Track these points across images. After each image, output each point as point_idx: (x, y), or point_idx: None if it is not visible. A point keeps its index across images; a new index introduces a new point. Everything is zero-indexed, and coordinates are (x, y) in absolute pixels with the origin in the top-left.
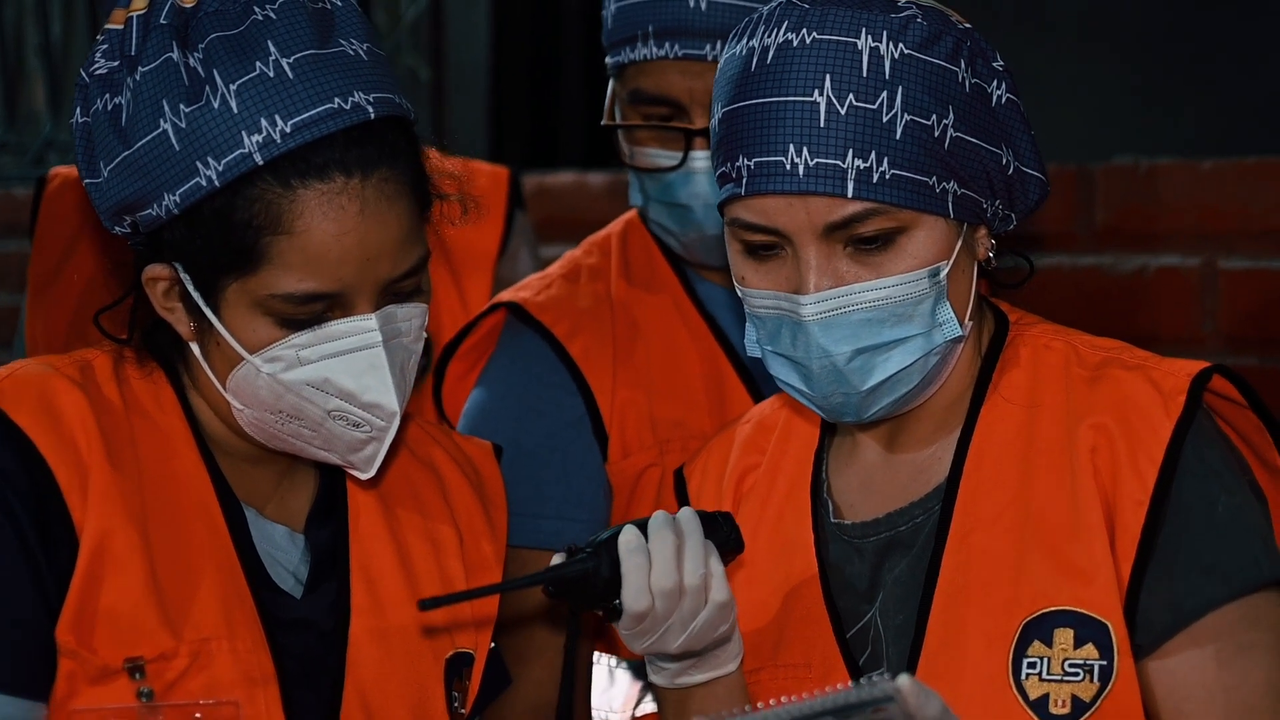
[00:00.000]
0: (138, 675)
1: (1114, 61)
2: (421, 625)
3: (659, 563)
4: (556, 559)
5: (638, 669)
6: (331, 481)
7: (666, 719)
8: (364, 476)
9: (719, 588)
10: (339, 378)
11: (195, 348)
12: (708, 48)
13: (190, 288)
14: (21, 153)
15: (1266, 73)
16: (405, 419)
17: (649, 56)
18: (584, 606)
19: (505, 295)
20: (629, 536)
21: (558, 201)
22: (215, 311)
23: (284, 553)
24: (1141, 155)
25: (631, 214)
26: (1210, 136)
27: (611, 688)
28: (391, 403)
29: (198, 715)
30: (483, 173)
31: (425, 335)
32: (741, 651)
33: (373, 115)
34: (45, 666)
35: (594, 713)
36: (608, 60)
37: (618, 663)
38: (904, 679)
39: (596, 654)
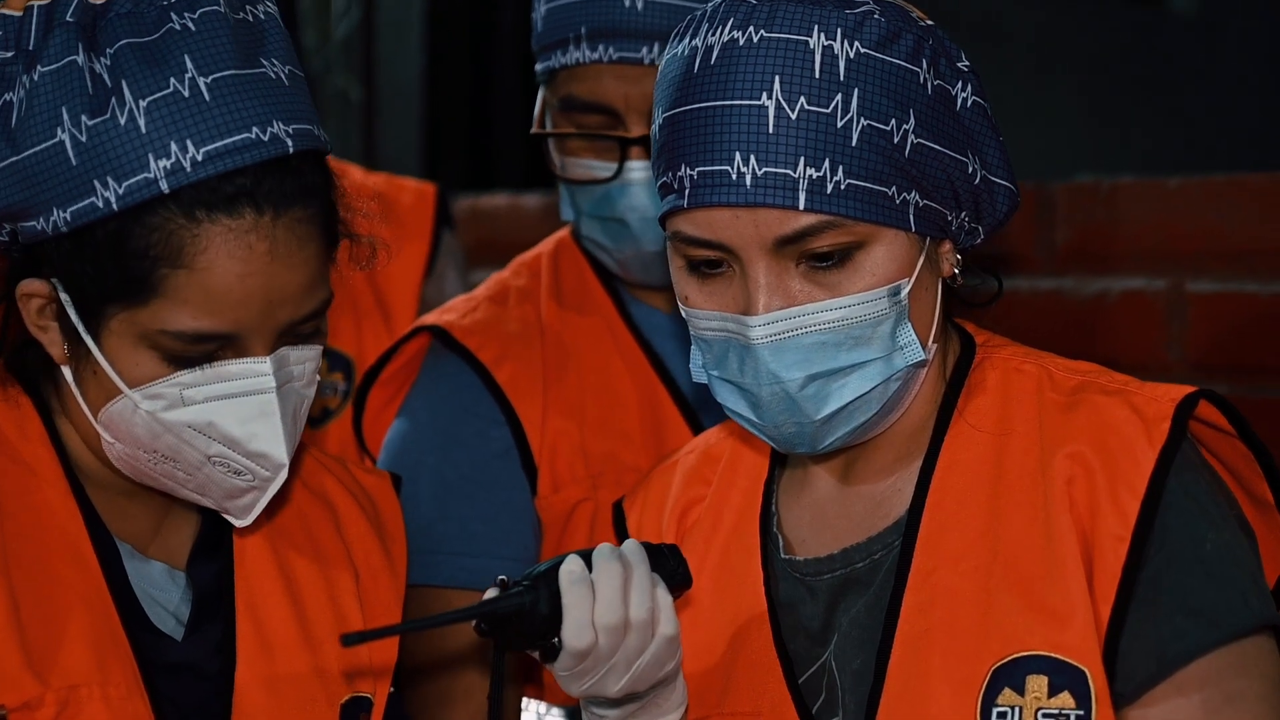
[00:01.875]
0: None
1: (1072, 80)
2: (315, 669)
3: (604, 596)
4: (490, 594)
5: (572, 715)
6: (215, 516)
7: None
8: (239, 524)
9: (667, 621)
10: (225, 423)
11: (68, 372)
12: (644, 50)
13: (70, 310)
14: None
15: (1224, 90)
16: (299, 447)
17: (581, 60)
18: (518, 645)
19: (429, 318)
20: (572, 567)
21: (492, 224)
22: (95, 339)
23: (163, 592)
24: (1103, 174)
25: (563, 233)
26: (1169, 153)
27: None
28: (280, 454)
29: None
30: (408, 189)
31: (317, 380)
32: (685, 701)
33: (291, 149)
34: None
35: None
36: (538, 66)
37: (548, 709)
38: None
39: (525, 700)
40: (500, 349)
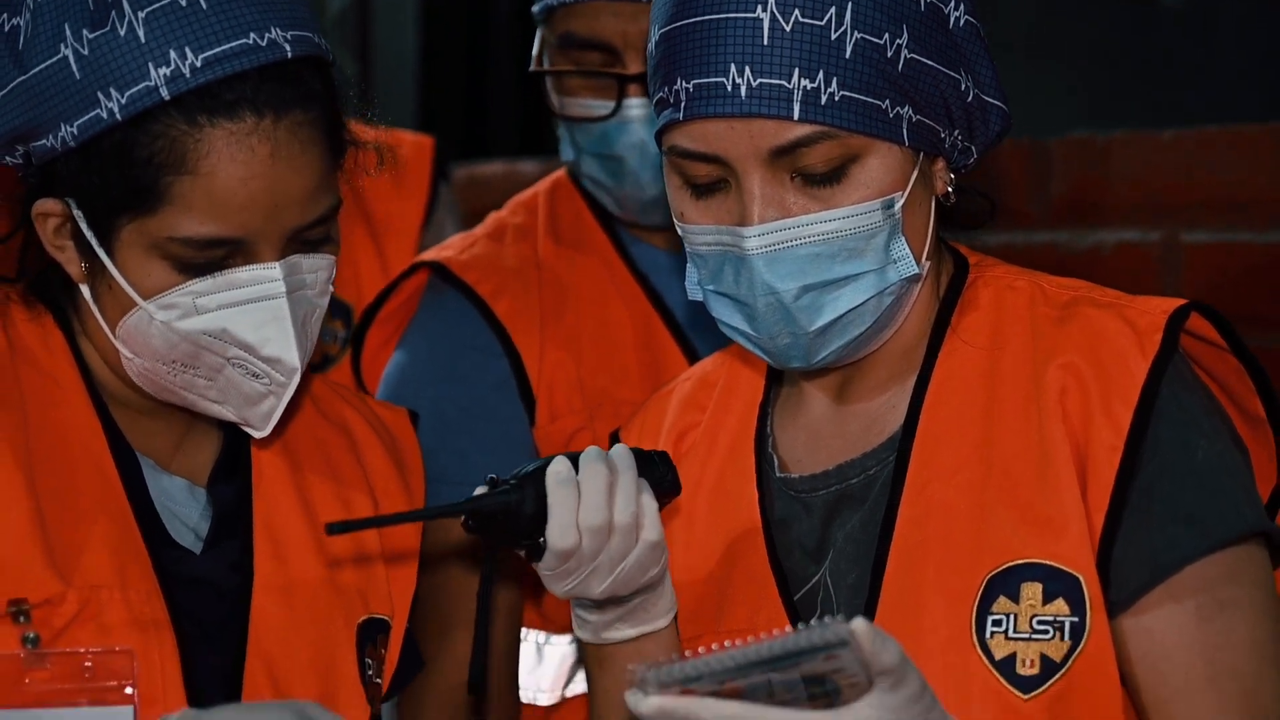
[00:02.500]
0: (22, 619)
1: (1068, 34)
2: (332, 588)
3: (589, 497)
4: (479, 491)
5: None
6: (235, 438)
7: (593, 683)
8: (258, 434)
9: (651, 526)
10: (238, 329)
11: (86, 290)
12: None
13: (83, 226)
14: None
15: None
16: (310, 376)
17: None
18: (504, 542)
19: (427, 255)
20: (559, 467)
21: (488, 192)
22: (109, 253)
23: (183, 507)
24: (1098, 128)
25: (559, 174)
26: (1164, 107)
27: (540, 666)
28: (292, 358)
29: (88, 664)
30: (406, 141)
31: (330, 289)
32: (674, 608)
33: (290, 54)
34: None
35: (522, 692)
36: (535, 6)
37: (547, 638)
38: (859, 622)
39: (525, 630)
40: (498, 283)
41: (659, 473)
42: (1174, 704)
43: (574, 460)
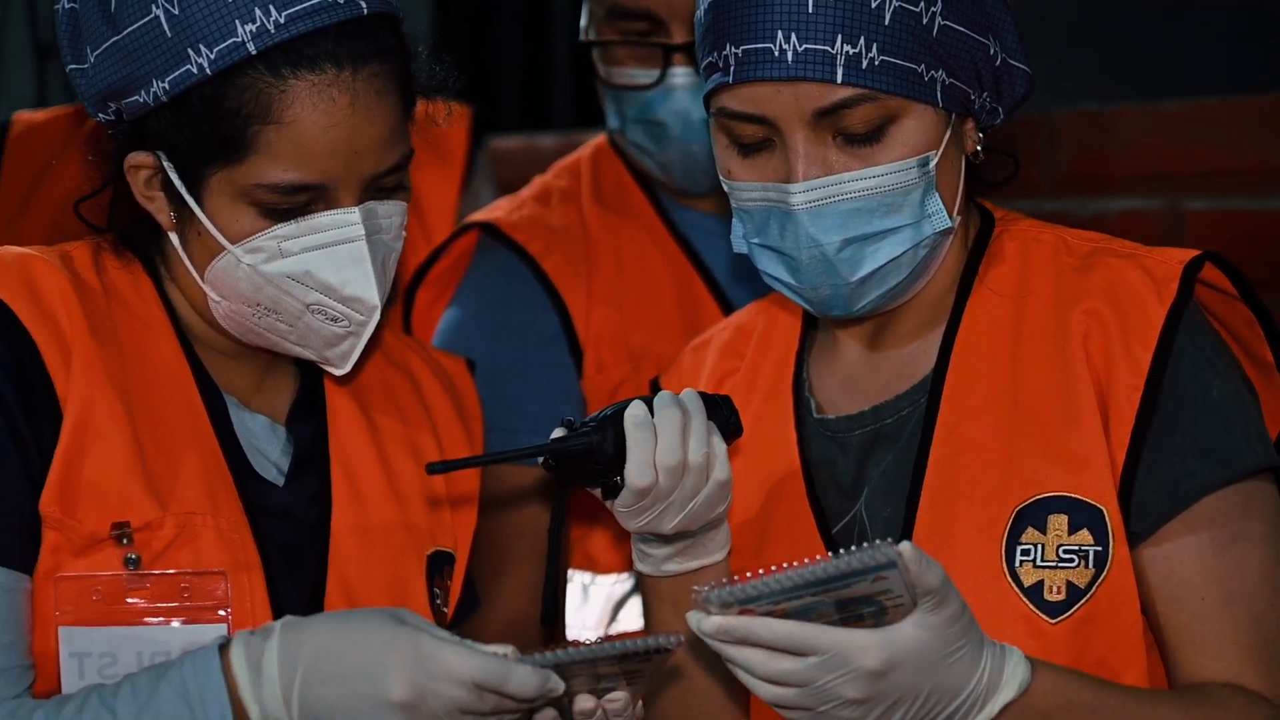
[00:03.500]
0: (125, 541)
1: (1072, 8)
2: (403, 521)
3: (665, 438)
4: (557, 433)
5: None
6: (311, 379)
7: (651, 613)
8: (338, 372)
9: (721, 466)
10: (320, 270)
11: (175, 238)
12: None
13: (173, 176)
14: None
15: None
16: (381, 325)
17: None
18: (582, 482)
19: (477, 216)
20: (636, 411)
21: (503, 166)
22: (198, 201)
23: (265, 443)
24: (1103, 100)
25: (600, 139)
26: (1166, 80)
27: (585, 605)
28: (372, 296)
29: (185, 585)
30: (441, 109)
31: (404, 234)
32: (729, 543)
33: (365, 11)
34: (29, 539)
35: (568, 630)
36: None
37: (593, 579)
38: (906, 545)
39: (570, 571)
40: (546, 242)
41: (724, 415)
42: (1191, 629)
43: (647, 404)
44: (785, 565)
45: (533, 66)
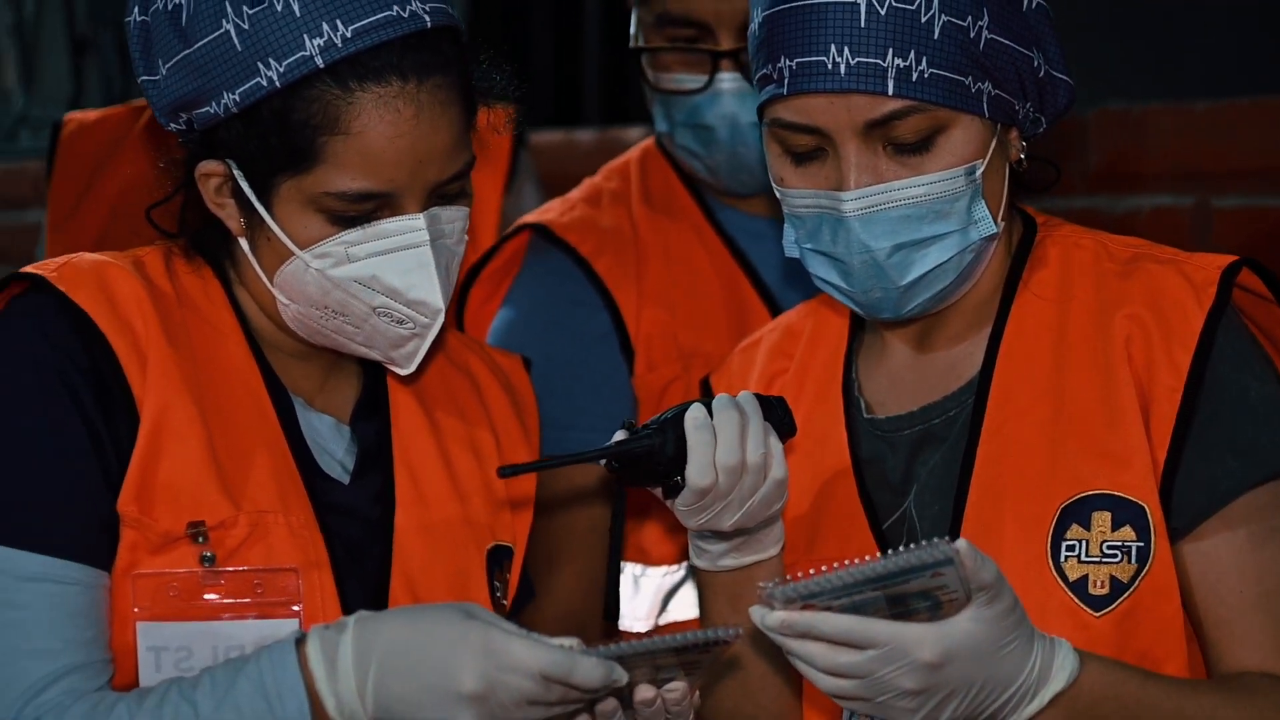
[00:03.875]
0: (200, 539)
1: (1104, 8)
2: (464, 517)
3: (724, 440)
4: (619, 435)
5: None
6: (374, 379)
7: (707, 606)
8: (403, 372)
9: (778, 465)
10: (386, 275)
11: (244, 244)
12: None
13: (244, 184)
14: None
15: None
16: (444, 326)
17: None
18: (644, 482)
19: (529, 218)
20: (696, 414)
21: (539, 160)
22: (268, 208)
23: (330, 442)
24: (1134, 100)
25: (648, 143)
26: (1196, 79)
27: (636, 596)
28: (436, 299)
29: (258, 581)
30: (501, 115)
31: (466, 239)
32: (783, 538)
33: (429, 24)
34: (108, 538)
35: (620, 620)
36: None
37: (642, 571)
38: (962, 543)
39: (623, 564)
40: (597, 243)
41: (779, 416)
42: (1229, 622)
43: (706, 407)
44: (846, 563)
45: (565, 62)
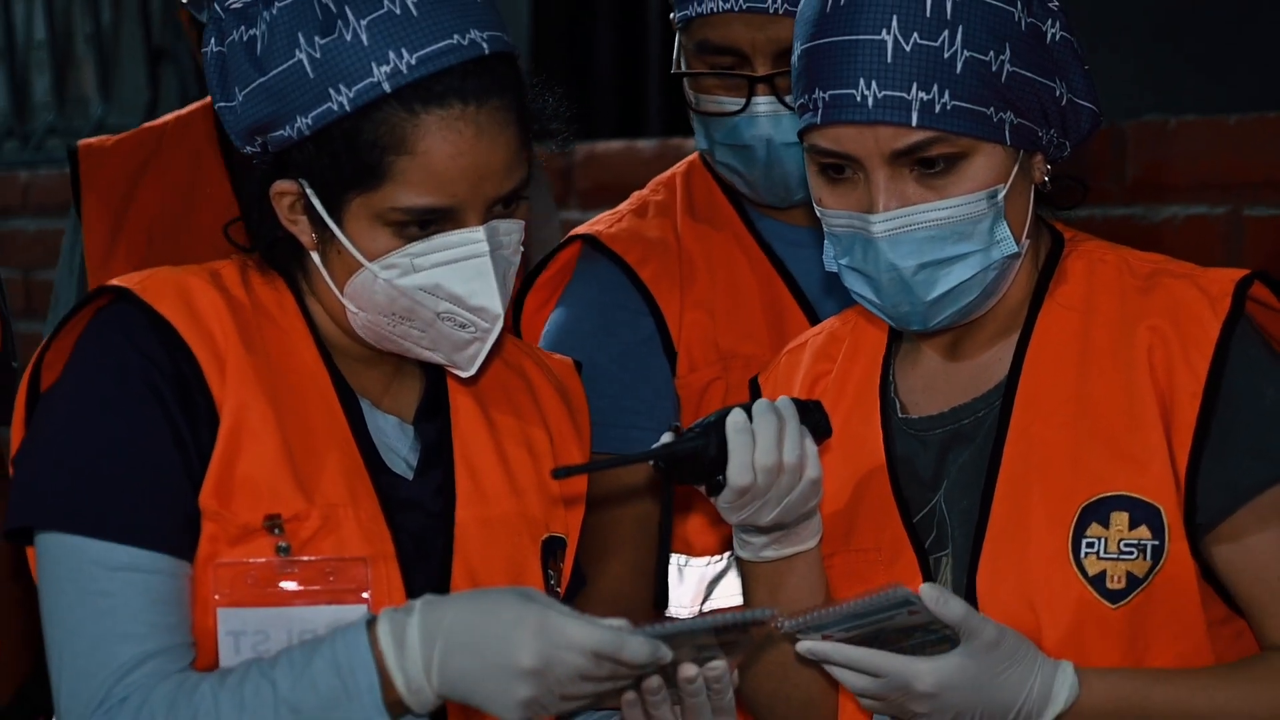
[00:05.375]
0: (276, 531)
1: (1143, 22)
2: (520, 511)
3: (762, 442)
4: (666, 438)
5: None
6: (435, 382)
7: (750, 593)
8: (465, 374)
9: (812, 465)
10: (449, 283)
11: (316, 257)
12: (770, 0)
13: (315, 202)
14: (72, 136)
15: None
16: (502, 331)
17: (715, 10)
18: (690, 481)
19: (581, 229)
20: (737, 418)
21: (603, 170)
22: (338, 223)
23: (395, 441)
24: (1168, 112)
25: (693, 156)
26: (1229, 92)
27: (680, 584)
28: (496, 305)
29: (329, 570)
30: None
31: (522, 249)
32: (820, 531)
33: (487, 50)
34: (190, 530)
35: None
36: (674, 15)
37: (686, 561)
38: (925, 587)
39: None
40: (643, 252)
41: (815, 418)
42: (1270, 606)
43: (746, 410)
44: (838, 602)
45: (628, 73)
